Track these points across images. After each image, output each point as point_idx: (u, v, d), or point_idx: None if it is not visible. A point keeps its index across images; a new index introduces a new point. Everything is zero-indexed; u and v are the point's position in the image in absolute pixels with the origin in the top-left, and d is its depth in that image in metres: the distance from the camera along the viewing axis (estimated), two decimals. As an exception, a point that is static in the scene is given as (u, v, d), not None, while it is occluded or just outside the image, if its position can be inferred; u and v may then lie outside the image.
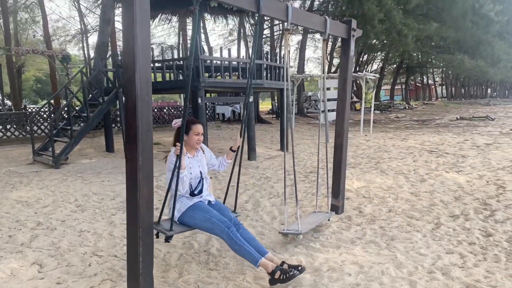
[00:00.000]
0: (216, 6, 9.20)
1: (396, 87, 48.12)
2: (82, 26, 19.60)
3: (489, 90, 69.07)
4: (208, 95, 13.94)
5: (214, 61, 8.86)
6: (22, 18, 24.97)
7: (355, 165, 7.88)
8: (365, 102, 16.26)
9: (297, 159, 8.81)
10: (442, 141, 10.67)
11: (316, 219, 4.49)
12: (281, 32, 26.49)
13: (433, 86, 66.34)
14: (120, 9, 16.45)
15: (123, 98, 2.87)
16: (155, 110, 17.68)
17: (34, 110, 16.51)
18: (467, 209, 5.11)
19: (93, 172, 7.67)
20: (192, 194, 3.52)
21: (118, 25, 19.59)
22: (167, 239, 3.43)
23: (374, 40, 23.93)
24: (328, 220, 4.80)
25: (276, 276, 3.14)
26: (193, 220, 3.43)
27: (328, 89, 14.14)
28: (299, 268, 3.22)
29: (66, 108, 8.88)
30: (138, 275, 2.72)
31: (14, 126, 12.53)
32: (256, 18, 3.86)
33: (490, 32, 25.99)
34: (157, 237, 3.50)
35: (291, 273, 3.13)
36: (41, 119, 13.04)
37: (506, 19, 31.95)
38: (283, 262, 3.29)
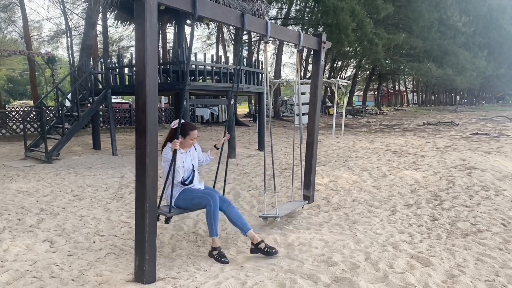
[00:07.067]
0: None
1: (369, 93, 49.62)
2: (67, 27, 19.81)
3: (458, 98, 71.69)
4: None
5: (198, 65, 9.53)
6: (-1, 18, 24.90)
7: (326, 163, 8.65)
8: (338, 106, 17.04)
9: (274, 157, 9.52)
10: (406, 143, 11.58)
11: (291, 206, 5.22)
12: (258, 40, 27.31)
13: (404, 93, 68.43)
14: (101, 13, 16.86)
15: (135, 98, 3.48)
16: (133, 111, 18.01)
17: (18, 109, 16.71)
18: (420, 199, 5.90)
19: (84, 167, 8.18)
20: (183, 183, 4.12)
21: (99, 28, 19.98)
22: (167, 220, 4.00)
23: (348, 48, 25.00)
24: (302, 207, 5.51)
25: (261, 246, 3.86)
26: (185, 202, 4.03)
27: (304, 93, 14.89)
28: (274, 249, 3.91)
29: (57, 107, 9.33)
30: (144, 242, 3.33)
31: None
32: (240, 32, 4.54)
33: (456, 42, 27.45)
34: (158, 220, 3.95)
35: (273, 250, 3.87)
36: (28, 118, 13.37)
37: (472, 30, 33.65)
38: (262, 241, 3.97)
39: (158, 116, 18.52)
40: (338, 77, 38.85)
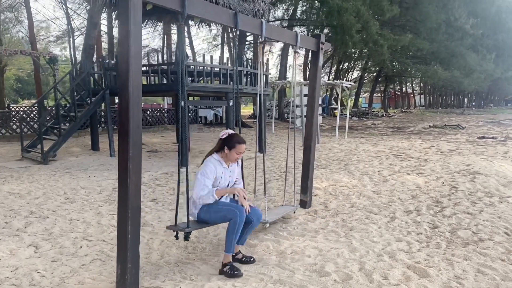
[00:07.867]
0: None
1: (376, 95, 49.29)
2: (69, 28, 19.85)
3: (465, 100, 71.06)
4: (191, 98, 14.42)
5: (197, 66, 9.41)
6: (6, 18, 25.03)
7: (326, 166, 8.48)
8: (343, 108, 16.82)
9: (274, 160, 9.38)
10: (410, 146, 11.36)
11: (282, 211, 5.08)
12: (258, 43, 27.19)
13: (412, 95, 67.95)
14: (106, 13, 16.85)
15: (118, 99, 3.35)
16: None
17: (18, 109, 16.74)
18: (420, 205, 5.71)
19: (80, 169, 8.09)
20: None
21: (104, 28, 19.97)
22: (186, 236, 3.72)
23: (353, 49, 24.79)
24: (294, 212, 5.35)
25: (239, 257, 3.82)
26: (208, 214, 3.72)
27: (306, 95, 14.69)
28: (252, 258, 3.87)
29: (54, 108, 9.29)
30: (126, 250, 3.19)
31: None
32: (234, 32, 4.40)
33: (464, 44, 27.14)
34: (177, 238, 3.78)
35: (251, 259, 3.83)
36: (27, 118, 13.36)
37: (480, 32, 33.31)
38: (239, 251, 3.90)
39: (161, 117, 18.29)
40: (344, 79, 38.60)
